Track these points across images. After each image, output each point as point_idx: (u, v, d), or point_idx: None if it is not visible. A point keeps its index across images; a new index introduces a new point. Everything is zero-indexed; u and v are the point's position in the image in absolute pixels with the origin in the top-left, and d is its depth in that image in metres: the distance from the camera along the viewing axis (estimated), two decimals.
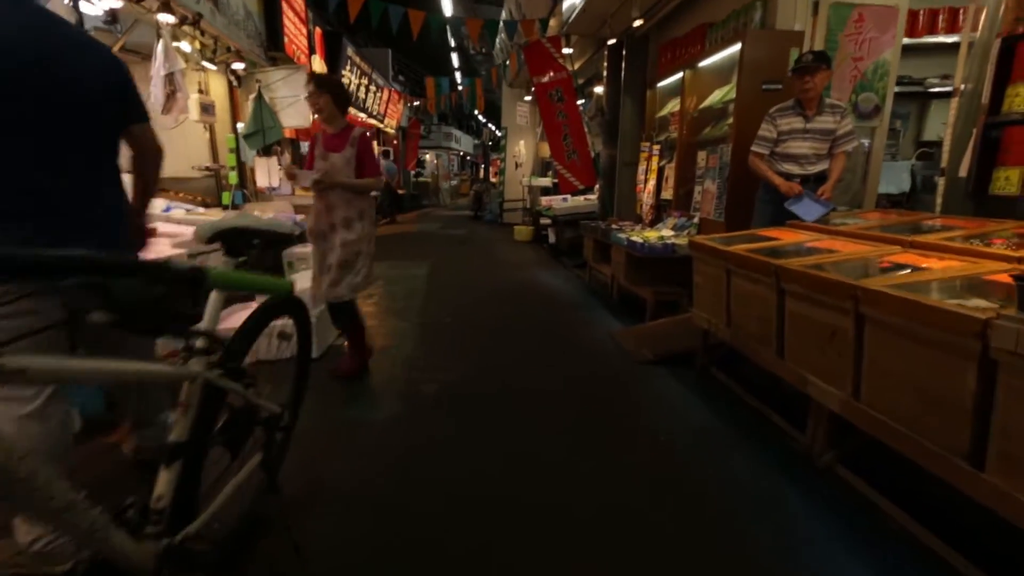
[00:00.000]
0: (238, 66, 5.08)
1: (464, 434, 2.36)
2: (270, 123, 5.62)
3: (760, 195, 3.38)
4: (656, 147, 5.26)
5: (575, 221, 6.98)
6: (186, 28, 4.15)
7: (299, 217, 5.38)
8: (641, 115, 5.84)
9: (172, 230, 3.54)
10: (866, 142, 3.89)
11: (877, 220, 2.83)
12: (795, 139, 3.16)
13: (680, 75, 4.69)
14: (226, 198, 5.51)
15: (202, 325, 1.18)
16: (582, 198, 7.85)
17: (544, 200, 8.35)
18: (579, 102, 6.77)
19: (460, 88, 11.88)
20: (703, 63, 4.41)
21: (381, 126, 13.47)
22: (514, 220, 11.34)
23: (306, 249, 5.48)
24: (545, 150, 9.84)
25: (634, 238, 4.04)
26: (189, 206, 5.05)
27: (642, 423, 2.49)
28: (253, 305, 3.26)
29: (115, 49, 4.71)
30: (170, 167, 2.39)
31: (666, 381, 2.97)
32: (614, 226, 5.03)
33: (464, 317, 4.33)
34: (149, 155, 1.59)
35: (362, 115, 11.21)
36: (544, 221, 8.45)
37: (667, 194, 5.05)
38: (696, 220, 4.25)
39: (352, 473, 2.03)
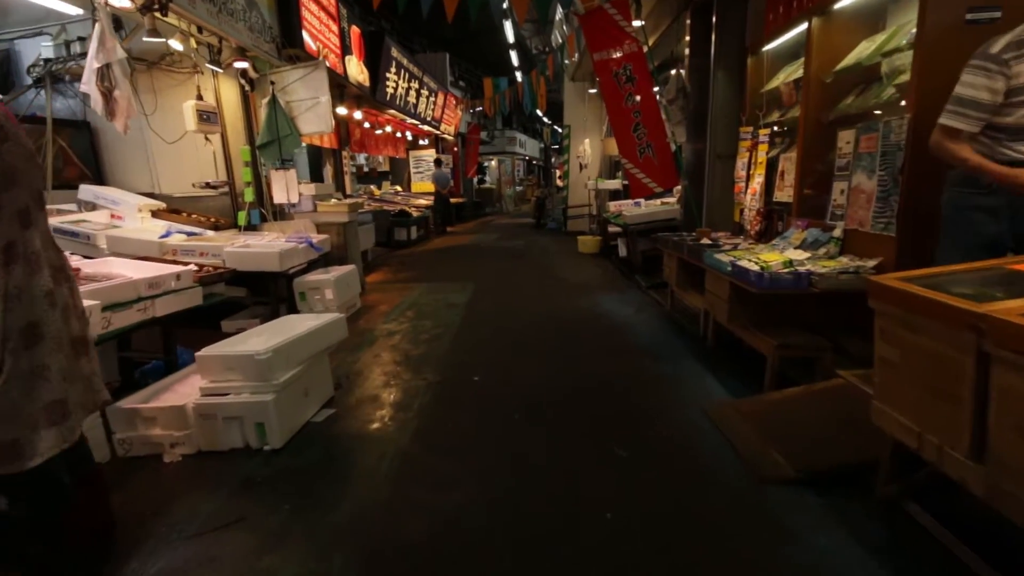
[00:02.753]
0: (240, 65, 4.33)
1: None
2: (286, 131, 4.85)
3: (955, 196, 1.99)
4: (764, 132, 3.87)
5: (651, 231, 5.67)
6: (164, 19, 3.42)
7: (316, 239, 4.56)
8: (739, 91, 4.44)
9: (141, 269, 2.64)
10: None
11: None
12: None
13: (803, 27, 3.30)
14: (242, 218, 4.81)
15: None
16: (659, 202, 6.52)
17: (613, 206, 7.11)
18: (655, 89, 5.42)
19: (519, 83, 10.81)
20: (840, 3, 3.03)
21: (438, 132, 12.78)
22: (579, 228, 10.18)
23: (327, 275, 4.68)
24: (612, 147, 8.52)
25: (745, 263, 2.72)
26: (195, 229, 4.35)
27: None
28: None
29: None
30: (172, 185, 1.50)
31: (825, 535, 1.65)
32: (706, 240, 3.70)
33: (498, 372, 3.20)
34: None
35: (415, 122, 10.51)
36: (613, 230, 7.21)
37: (782, 195, 3.65)
38: (837, 233, 2.85)
39: None
